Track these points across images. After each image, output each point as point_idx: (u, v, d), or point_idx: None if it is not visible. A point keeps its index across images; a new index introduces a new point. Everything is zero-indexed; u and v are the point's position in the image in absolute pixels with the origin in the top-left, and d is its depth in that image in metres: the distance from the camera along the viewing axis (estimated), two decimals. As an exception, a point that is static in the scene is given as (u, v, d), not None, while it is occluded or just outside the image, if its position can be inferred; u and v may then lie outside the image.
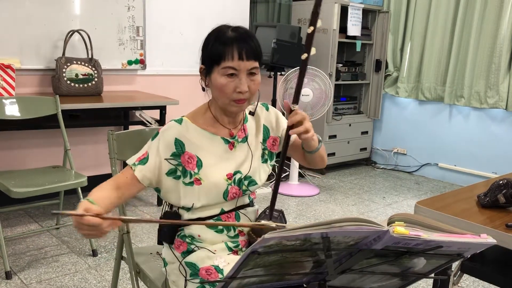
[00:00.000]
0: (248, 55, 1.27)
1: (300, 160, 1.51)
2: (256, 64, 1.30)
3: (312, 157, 1.43)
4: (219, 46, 1.28)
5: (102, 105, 3.15)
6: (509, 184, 1.51)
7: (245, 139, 1.43)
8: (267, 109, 1.50)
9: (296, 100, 1.30)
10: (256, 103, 1.45)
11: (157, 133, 1.36)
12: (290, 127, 1.30)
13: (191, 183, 1.34)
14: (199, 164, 1.34)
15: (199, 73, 1.37)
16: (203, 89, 1.38)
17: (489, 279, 1.69)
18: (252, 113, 1.45)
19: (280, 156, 1.37)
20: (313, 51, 1.27)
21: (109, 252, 2.77)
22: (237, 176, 1.38)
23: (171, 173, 1.34)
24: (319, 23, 1.24)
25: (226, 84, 1.28)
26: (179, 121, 1.36)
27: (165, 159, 1.33)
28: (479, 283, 2.55)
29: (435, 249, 0.91)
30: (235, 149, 1.40)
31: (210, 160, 1.35)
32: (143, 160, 1.33)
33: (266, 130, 1.47)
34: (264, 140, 1.47)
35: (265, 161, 1.46)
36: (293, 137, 1.38)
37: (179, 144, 1.33)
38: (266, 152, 1.47)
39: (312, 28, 1.24)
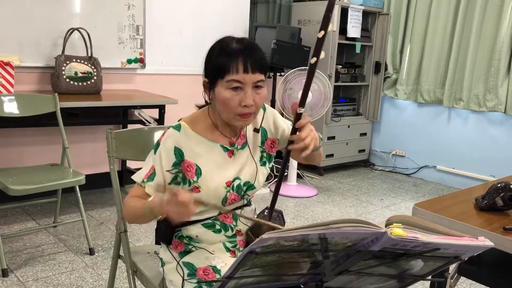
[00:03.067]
0: (253, 67, 1.24)
1: (296, 156, 1.49)
2: (262, 77, 1.27)
3: (311, 154, 1.42)
4: (223, 59, 1.24)
5: (101, 104, 3.14)
6: (507, 187, 1.51)
7: (244, 145, 1.41)
8: (264, 109, 1.47)
9: (302, 103, 1.28)
10: (261, 118, 1.43)
11: (158, 144, 1.34)
12: (294, 131, 1.29)
13: (189, 191, 1.33)
14: (198, 173, 1.32)
15: (202, 86, 1.34)
16: (206, 103, 1.36)
17: (486, 282, 1.69)
18: (257, 130, 1.42)
19: (281, 167, 1.35)
20: (322, 54, 1.27)
21: (106, 250, 2.76)
22: (236, 183, 1.36)
23: (172, 180, 1.34)
24: (330, 27, 1.24)
25: (231, 98, 1.25)
26: (178, 128, 1.34)
27: (166, 170, 1.32)
28: (476, 286, 2.55)
29: (433, 251, 0.91)
30: (234, 156, 1.38)
31: (209, 168, 1.34)
32: (151, 176, 1.32)
33: (264, 132, 1.46)
34: (262, 143, 1.45)
35: (263, 164, 1.45)
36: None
37: (178, 153, 1.32)
38: (265, 154, 1.45)
39: (323, 32, 1.22)
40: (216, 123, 1.37)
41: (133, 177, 1.35)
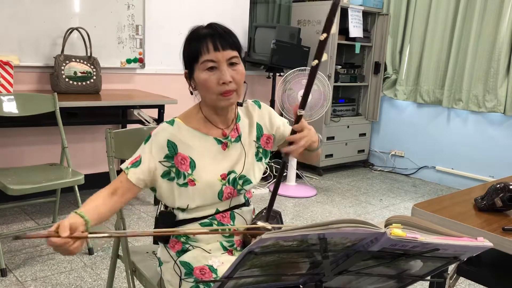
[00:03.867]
0: (223, 45, 1.28)
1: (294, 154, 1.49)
2: (235, 53, 1.30)
3: (309, 154, 1.42)
4: (195, 44, 1.30)
5: (100, 103, 3.14)
6: (506, 188, 1.51)
7: (238, 139, 1.42)
8: (260, 106, 1.49)
9: (303, 105, 1.29)
10: (243, 94, 1.43)
11: (149, 136, 1.35)
12: (293, 132, 1.29)
13: (185, 184, 1.33)
14: (192, 165, 1.33)
15: (184, 78, 1.38)
16: (191, 93, 1.37)
17: (485, 282, 1.69)
18: (240, 104, 1.43)
19: (279, 171, 1.34)
20: (324, 57, 1.26)
21: (105, 250, 2.76)
22: (231, 176, 1.37)
23: (165, 174, 1.34)
24: (333, 30, 1.23)
25: (208, 79, 1.28)
26: (171, 123, 1.36)
27: (159, 161, 1.32)
28: (475, 286, 2.55)
29: (432, 251, 0.91)
30: (228, 149, 1.40)
31: (203, 161, 1.35)
32: (136, 163, 1.32)
33: (259, 128, 1.47)
34: (258, 138, 1.46)
35: (259, 159, 1.46)
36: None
37: (171, 146, 1.33)
38: (261, 150, 1.46)
39: (325, 35, 1.22)
40: (207, 115, 1.38)
41: (122, 165, 1.35)
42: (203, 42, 1.28)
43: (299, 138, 1.27)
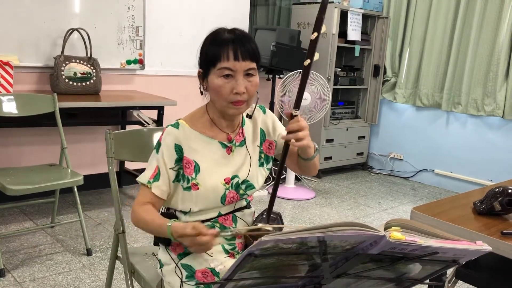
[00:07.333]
0: (244, 55, 1.27)
1: (292, 166, 1.50)
2: (253, 65, 1.30)
3: (306, 164, 1.42)
4: (215, 48, 1.28)
5: (100, 104, 3.14)
6: (505, 192, 1.51)
7: (243, 143, 1.42)
8: (264, 112, 1.49)
9: (297, 105, 1.29)
10: (254, 105, 1.45)
11: (159, 144, 1.35)
12: (289, 133, 1.29)
13: (188, 188, 1.33)
14: (197, 169, 1.33)
15: (197, 76, 1.37)
16: (202, 93, 1.37)
17: (484, 286, 1.70)
18: (249, 116, 1.44)
19: (279, 163, 1.36)
20: (316, 56, 1.26)
21: (103, 251, 2.76)
22: (235, 181, 1.37)
23: (176, 178, 1.35)
24: (323, 29, 1.23)
25: (223, 86, 1.27)
26: (176, 126, 1.35)
27: (170, 168, 1.33)
28: (473, 290, 2.56)
29: (431, 255, 0.91)
30: (232, 153, 1.39)
31: (207, 164, 1.35)
32: (157, 177, 1.33)
33: (262, 133, 1.47)
34: (261, 144, 1.46)
35: (261, 164, 1.46)
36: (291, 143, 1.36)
37: (178, 149, 1.33)
38: (263, 155, 1.46)
39: (315, 34, 1.23)
40: (213, 118, 1.38)
41: (138, 178, 1.36)
42: (224, 48, 1.27)
43: (298, 129, 1.27)
